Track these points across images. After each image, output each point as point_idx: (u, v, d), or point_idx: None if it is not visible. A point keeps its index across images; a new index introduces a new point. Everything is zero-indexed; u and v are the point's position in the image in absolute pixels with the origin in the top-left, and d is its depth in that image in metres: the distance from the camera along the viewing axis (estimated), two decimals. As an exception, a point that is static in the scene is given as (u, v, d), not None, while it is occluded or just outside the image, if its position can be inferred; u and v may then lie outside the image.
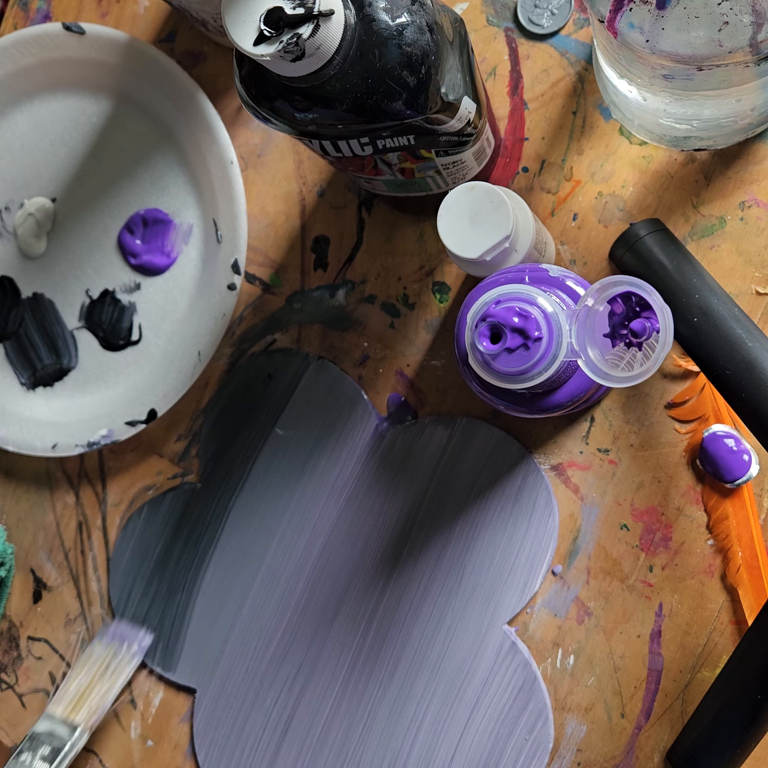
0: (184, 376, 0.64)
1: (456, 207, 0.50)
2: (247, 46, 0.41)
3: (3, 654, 0.68)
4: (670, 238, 0.55)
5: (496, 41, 0.60)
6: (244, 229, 0.63)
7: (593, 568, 0.57)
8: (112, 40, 0.65)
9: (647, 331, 0.43)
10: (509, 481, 0.58)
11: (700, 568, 0.56)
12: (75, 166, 0.68)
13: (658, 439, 0.57)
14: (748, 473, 0.54)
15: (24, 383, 0.69)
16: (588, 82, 0.59)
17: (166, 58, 0.64)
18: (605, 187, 0.58)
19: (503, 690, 0.58)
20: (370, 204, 0.62)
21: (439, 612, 0.59)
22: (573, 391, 0.49)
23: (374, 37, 0.42)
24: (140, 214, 0.66)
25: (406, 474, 0.60)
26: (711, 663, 0.55)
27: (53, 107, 0.68)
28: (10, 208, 0.69)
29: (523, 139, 0.60)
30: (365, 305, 0.62)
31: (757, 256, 0.56)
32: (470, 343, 0.45)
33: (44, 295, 0.68)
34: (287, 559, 0.62)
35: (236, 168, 0.63)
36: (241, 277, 0.63)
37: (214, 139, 0.63)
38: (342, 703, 0.60)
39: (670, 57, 0.42)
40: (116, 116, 0.67)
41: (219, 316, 0.63)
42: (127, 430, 0.65)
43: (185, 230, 0.65)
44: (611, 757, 0.56)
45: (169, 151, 0.66)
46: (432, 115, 0.45)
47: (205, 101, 0.64)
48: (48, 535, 0.68)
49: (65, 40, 0.66)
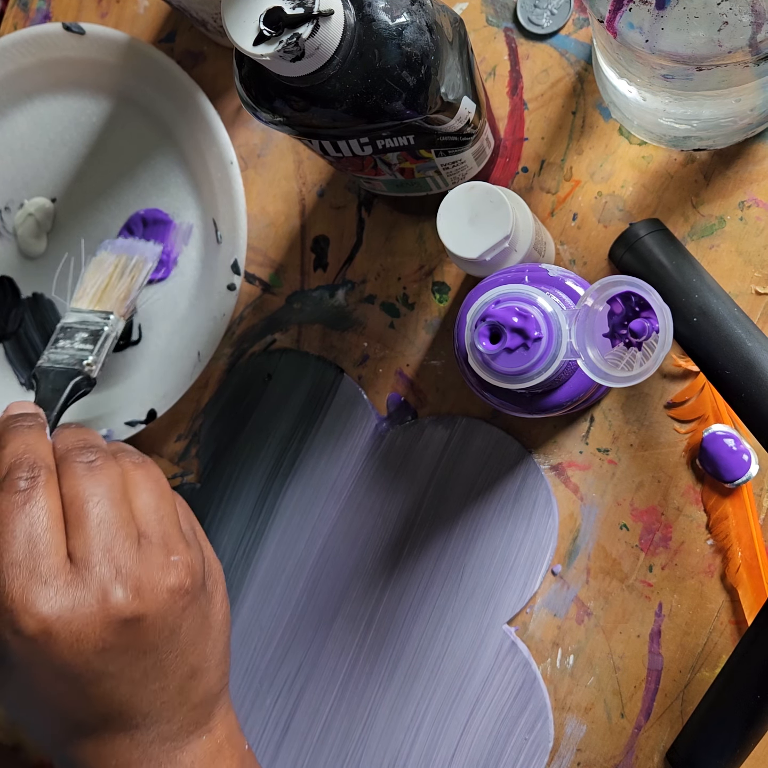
0: (184, 377, 0.64)
1: (456, 207, 0.50)
2: (247, 46, 0.41)
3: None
4: (669, 238, 0.55)
5: (496, 41, 0.60)
6: (243, 230, 0.63)
7: (593, 568, 0.57)
8: (112, 40, 0.65)
9: (647, 331, 0.43)
10: (509, 481, 0.58)
11: (699, 568, 0.56)
12: (75, 167, 0.68)
13: (658, 439, 0.57)
14: (748, 473, 0.54)
15: (24, 383, 0.69)
16: (588, 82, 0.59)
17: (166, 59, 0.64)
18: (605, 187, 0.58)
19: (503, 690, 0.58)
20: (370, 204, 0.62)
21: (439, 612, 0.59)
22: (573, 391, 0.49)
23: (374, 37, 0.42)
24: (140, 214, 0.66)
25: (406, 474, 0.60)
26: (711, 663, 0.55)
27: (53, 107, 0.68)
28: (10, 208, 0.69)
29: (522, 139, 0.60)
30: (365, 305, 0.62)
31: (757, 256, 0.56)
32: (470, 343, 0.45)
33: (44, 295, 0.68)
34: (287, 559, 0.62)
35: (236, 168, 0.63)
36: (240, 277, 0.63)
37: (214, 140, 0.63)
38: (342, 703, 0.60)
39: (669, 57, 0.42)
40: (116, 116, 0.67)
41: (219, 316, 0.63)
42: (127, 430, 0.65)
43: (185, 230, 0.65)
44: (611, 756, 0.56)
45: (169, 151, 0.66)
46: (432, 115, 0.45)
47: (205, 101, 0.64)
48: (48, 535, 0.68)
49: (65, 40, 0.66)
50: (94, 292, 0.59)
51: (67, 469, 0.47)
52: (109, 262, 0.60)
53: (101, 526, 0.45)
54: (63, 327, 0.57)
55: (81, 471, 0.46)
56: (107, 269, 0.59)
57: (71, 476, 0.46)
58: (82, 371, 0.55)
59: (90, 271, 0.60)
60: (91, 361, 0.56)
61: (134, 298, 0.59)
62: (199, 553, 0.48)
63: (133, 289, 0.59)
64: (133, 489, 0.47)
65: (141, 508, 0.47)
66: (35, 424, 0.50)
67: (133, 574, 0.44)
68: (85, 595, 0.43)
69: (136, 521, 0.46)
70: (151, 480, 0.48)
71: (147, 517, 0.47)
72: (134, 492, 0.47)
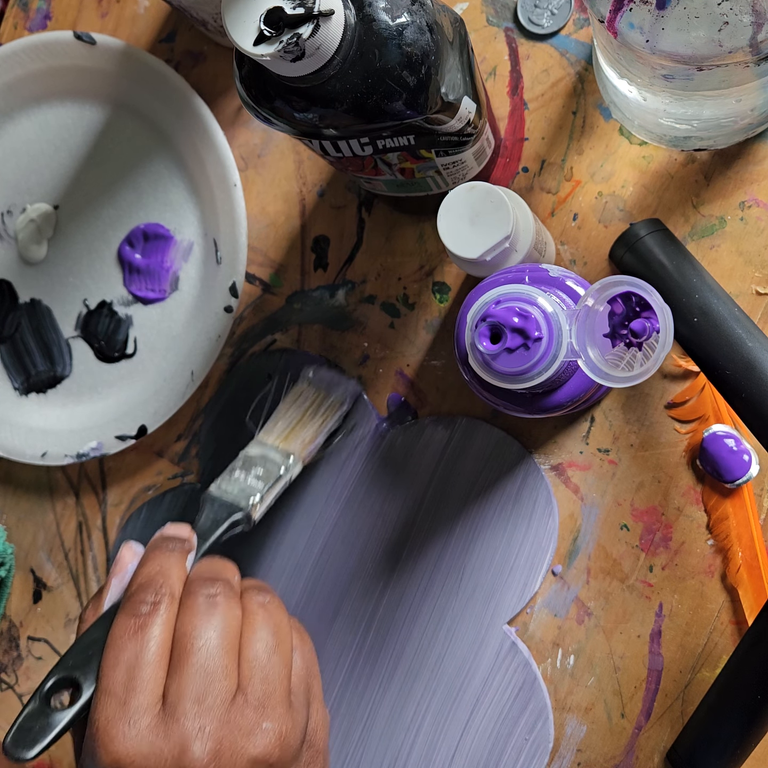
0: (176, 395, 0.64)
1: (456, 207, 0.50)
2: (247, 46, 0.41)
3: (3, 654, 0.68)
4: (670, 238, 0.55)
5: (496, 41, 0.60)
6: (243, 253, 0.63)
7: (593, 568, 0.57)
8: (123, 51, 0.65)
9: (647, 331, 0.43)
10: (509, 481, 0.58)
11: (700, 568, 0.56)
12: (79, 175, 0.67)
13: (658, 439, 0.57)
14: (748, 473, 0.54)
15: (17, 388, 0.68)
16: (588, 82, 0.59)
17: (176, 77, 0.64)
18: (605, 187, 0.58)
19: (503, 690, 0.58)
20: (370, 204, 0.62)
21: (439, 612, 0.59)
22: (573, 391, 0.49)
23: (374, 37, 0.42)
24: (141, 228, 0.66)
25: (406, 474, 0.60)
26: (711, 663, 0.55)
27: (60, 114, 0.68)
28: (12, 212, 0.69)
29: (523, 139, 0.60)
30: (365, 305, 0.62)
31: (757, 256, 0.56)
32: (470, 343, 0.45)
33: (42, 302, 0.68)
34: (287, 559, 0.62)
35: (239, 191, 0.63)
36: (238, 300, 0.63)
37: (218, 161, 0.63)
38: (342, 704, 0.60)
39: (670, 57, 0.42)
40: (123, 128, 0.67)
41: (214, 337, 0.63)
42: (117, 444, 0.65)
43: (185, 247, 0.65)
44: (611, 757, 0.56)
45: (173, 167, 0.66)
46: (432, 115, 0.45)
47: (212, 122, 0.63)
48: (48, 535, 0.68)
49: (75, 48, 0.66)
50: (284, 428, 0.58)
51: (187, 599, 0.46)
52: (307, 396, 0.59)
53: (199, 673, 0.43)
54: (245, 456, 0.57)
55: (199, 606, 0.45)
56: (303, 404, 0.59)
57: (189, 609, 0.45)
58: (246, 509, 0.55)
59: (287, 403, 0.59)
60: (257, 501, 0.55)
61: (318, 444, 0.59)
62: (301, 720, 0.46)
63: (321, 433, 0.59)
64: (247, 634, 0.46)
65: (249, 660, 0.45)
66: (179, 549, 0.49)
67: (216, 735, 0.43)
68: (163, 746, 0.42)
69: (240, 673, 0.44)
70: (271, 627, 0.46)
71: (252, 672, 0.45)
72: (248, 638, 0.45)
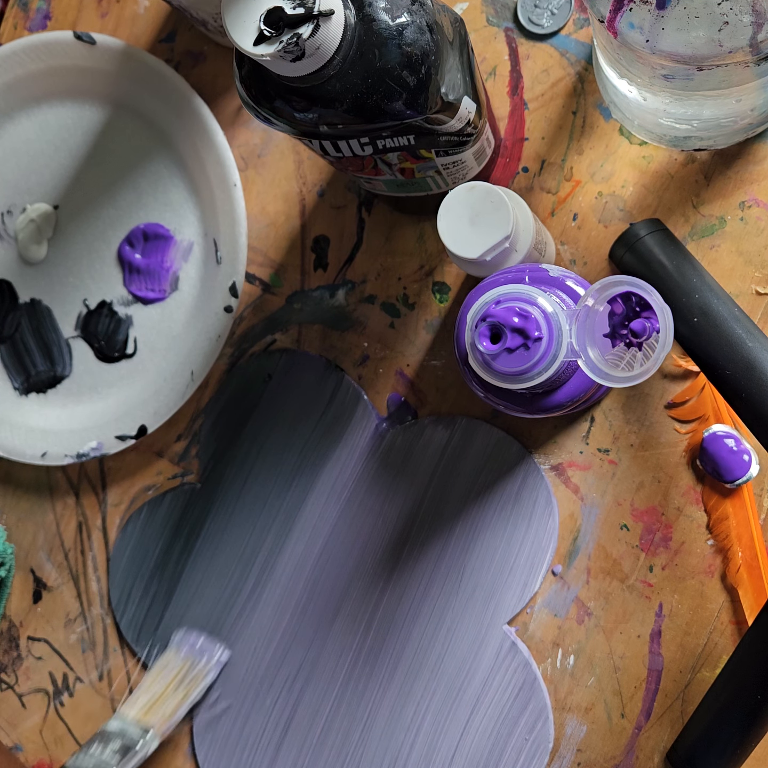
0: (176, 395, 0.64)
1: (456, 207, 0.50)
2: (247, 46, 0.41)
3: (3, 654, 0.68)
4: (670, 238, 0.55)
5: (496, 41, 0.60)
6: (243, 253, 0.63)
7: (593, 568, 0.57)
8: (123, 51, 0.65)
9: (647, 331, 0.43)
10: (509, 481, 0.58)
11: (700, 568, 0.56)
12: (79, 175, 0.67)
13: (658, 439, 0.57)
14: (748, 473, 0.54)
15: (17, 388, 0.68)
16: (588, 82, 0.59)
17: (176, 77, 0.64)
18: (605, 187, 0.58)
19: (503, 690, 0.58)
20: (370, 204, 0.62)
21: (439, 612, 0.59)
22: (573, 391, 0.49)
23: (374, 37, 0.42)
24: (141, 228, 0.66)
25: (406, 474, 0.60)
26: (711, 663, 0.55)
27: (60, 114, 0.68)
28: (12, 212, 0.68)
29: (523, 139, 0.60)
30: (365, 305, 0.62)
31: (757, 256, 0.56)
32: (470, 343, 0.45)
33: (42, 302, 0.68)
34: (287, 559, 0.62)
35: (239, 191, 0.63)
36: (238, 300, 0.63)
37: (218, 161, 0.63)
38: (342, 704, 0.60)
39: (670, 57, 0.42)
40: (123, 128, 0.66)
41: (214, 337, 0.63)
42: (117, 444, 0.65)
43: (185, 247, 0.65)
44: (611, 757, 0.56)
45: (173, 167, 0.66)
46: (432, 115, 0.45)
47: (212, 122, 0.63)
48: (48, 535, 0.68)
49: (76, 48, 0.66)
50: (146, 701, 0.60)
51: None
52: (174, 665, 0.61)
53: None
54: (102, 732, 0.59)
55: None
56: (168, 675, 0.60)
57: None
58: None
59: (152, 674, 0.61)
60: None
61: (179, 717, 0.60)
62: None
63: (183, 706, 0.60)
64: None
65: None
66: None
67: None
68: None
69: None
70: None
71: None
72: None
